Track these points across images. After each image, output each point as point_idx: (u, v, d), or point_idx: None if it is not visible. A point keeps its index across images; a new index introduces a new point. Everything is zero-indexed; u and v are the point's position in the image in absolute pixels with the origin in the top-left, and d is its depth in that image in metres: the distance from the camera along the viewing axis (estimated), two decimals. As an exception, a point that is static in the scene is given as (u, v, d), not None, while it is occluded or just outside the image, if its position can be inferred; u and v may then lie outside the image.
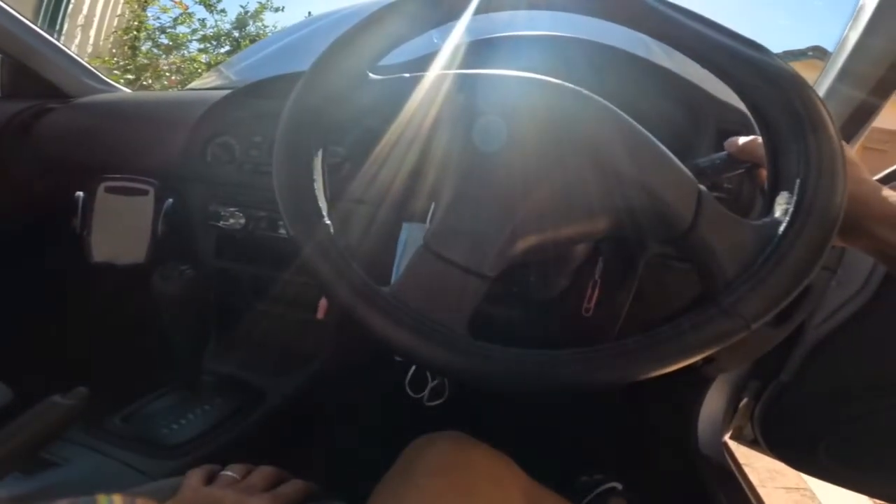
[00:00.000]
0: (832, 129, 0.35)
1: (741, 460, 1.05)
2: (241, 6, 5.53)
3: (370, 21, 0.42)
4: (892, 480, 0.81)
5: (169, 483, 0.49)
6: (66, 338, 0.95)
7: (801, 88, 0.36)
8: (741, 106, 0.60)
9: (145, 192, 0.70)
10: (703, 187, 0.36)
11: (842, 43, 0.68)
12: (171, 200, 0.71)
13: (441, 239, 0.36)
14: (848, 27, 0.66)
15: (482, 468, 0.48)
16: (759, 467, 1.63)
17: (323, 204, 0.39)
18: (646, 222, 0.36)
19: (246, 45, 5.07)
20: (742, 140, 0.48)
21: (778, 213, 0.35)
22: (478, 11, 0.42)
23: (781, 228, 0.34)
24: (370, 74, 0.42)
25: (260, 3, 5.50)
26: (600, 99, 0.39)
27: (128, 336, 0.90)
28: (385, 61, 0.45)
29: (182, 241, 0.77)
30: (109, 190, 0.69)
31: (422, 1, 0.41)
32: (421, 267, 0.36)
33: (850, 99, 0.68)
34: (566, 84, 0.40)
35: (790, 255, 0.33)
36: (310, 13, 5.21)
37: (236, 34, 5.42)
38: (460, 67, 0.43)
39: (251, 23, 5.52)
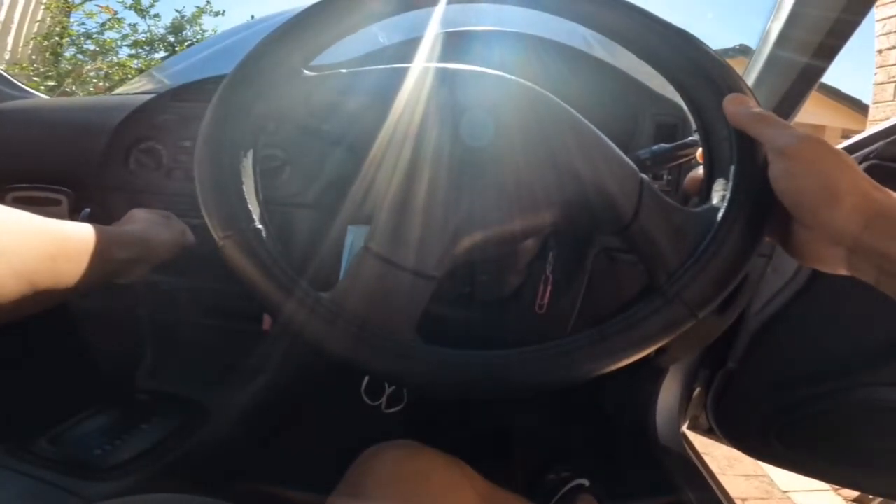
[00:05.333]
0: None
1: (701, 450, 1.07)
2: (177, 10, 5.32)
3: (306, 16, 0.39)
4: (839, 464, 0.84)
5: None
6: None
7: (728, 77, 0.36)
8: (676, 99, 0.61)
9: (58, 202, 0.64)
10: (645, 177, 0.36)
11: (767, 29, 0.71)
12: (87, 210, 0.65)
13: (383, 241, 0.34)
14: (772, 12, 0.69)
15: (435, 475, 0.47)
16: (718, 455, 1.68)
17: (254, 206, 0.36)
18: (591, 214, 0.36)
19: (183, 50, 4.86)
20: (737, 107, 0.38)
21: (715, 200, 0.36)
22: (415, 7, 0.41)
23: (720, 215, 0.34)
24: (305, 71, 0.40)
25: (198, 7, 5.32)
26: (551, 95, 0.39)
27: (49, 356, 0.83)
28: (326, 60, 0.43)
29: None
30: (18, 200, 0.63)
31: None
32: (363, 270, 0.34)
33: (788, 70, 0.69)
34: (516, 79, 0.39)
35: (729, 241, 0.33)
36: (252, 17, 5.08)
37: (172, 39, 5.20)
38: (404, 62, 0.41)
39: (188, 27, 5.31)
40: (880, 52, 2.03)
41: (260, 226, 0.35)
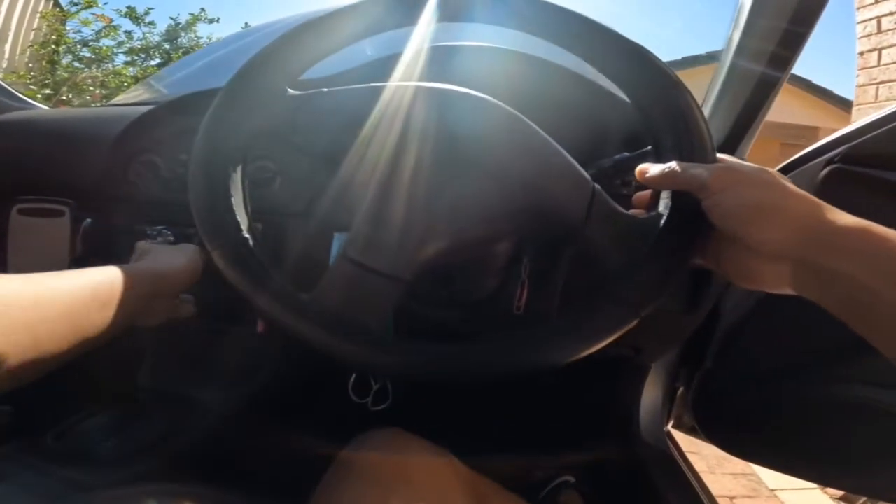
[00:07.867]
0: (704, 130, 0.39)
1: (690, 448, 1.07)
2: (172, 18, 5.36)
3: (288, 38, 0.42)
4: (814, 461, 0.85)
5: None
6: None
7: (678, 92, 0.39)
8: None
9: (61, 213, 0.67)
10: (597, 186, 0.40)
11: (730, 37, 0.73)
12: (89, 220, 0.68)
13: (357, 246, 0.38)
14: (733, 21, 0.72)
15: (420, 460, 0.50)
16: (707, 454, 1.72)
17: (242, 218, 0.39)
18: (546, 220, 0.39)
19: (178, 58, 4.89)
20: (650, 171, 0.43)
21: (661, 208, 0.39)
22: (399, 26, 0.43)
23: (662, 222, 0.37)
24: (289, 90, 0.43)
25: (192, 14, 5.35)
26: (505, 106, 0.41)
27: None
28: (316, 73, 0.46)
29: (106, 260, 0.74)
30: (23, 212, 0.66)
31: (339, 18, 0.42)
32: (339, 273, 0.38)
33: (747, 79, 0.70)
34: (473, 92, 0.42)
35: (667, 246, 0.36)
36: (247, 24, 5.12)
37: (167, 46, 5.23)
38: (388, 79, 0.44)
39: (183, 34, 5.34)
40: (861, 54, 2.07)
41: (247, 235, 0.39)
